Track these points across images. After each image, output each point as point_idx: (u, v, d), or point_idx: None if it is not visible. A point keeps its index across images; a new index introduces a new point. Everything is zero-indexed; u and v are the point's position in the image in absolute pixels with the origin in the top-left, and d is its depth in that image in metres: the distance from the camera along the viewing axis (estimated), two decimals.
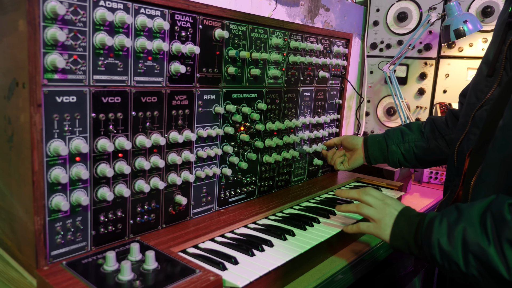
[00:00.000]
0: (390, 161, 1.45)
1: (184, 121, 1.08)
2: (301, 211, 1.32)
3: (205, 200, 1.19)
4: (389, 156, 1.43)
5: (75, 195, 0.88)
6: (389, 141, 1.43)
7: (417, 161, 1.41)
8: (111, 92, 0.91)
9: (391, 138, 1.43)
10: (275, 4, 1.96)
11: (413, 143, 1.40)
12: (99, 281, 0.80)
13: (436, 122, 1.38)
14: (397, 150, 1.42)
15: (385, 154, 1.44)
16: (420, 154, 1.39)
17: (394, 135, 1.43)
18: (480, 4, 2.22)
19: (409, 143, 1.40)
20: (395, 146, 1.42)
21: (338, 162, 1.55)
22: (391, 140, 1.43)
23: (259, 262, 0.95)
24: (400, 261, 1.67)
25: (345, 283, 1.10)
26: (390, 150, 1.43)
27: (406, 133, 1.42)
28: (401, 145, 1.41)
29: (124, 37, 0.91)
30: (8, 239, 0.95)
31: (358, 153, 1.50)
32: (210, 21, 1.10)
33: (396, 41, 2.51)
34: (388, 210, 1.01)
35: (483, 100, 1.05)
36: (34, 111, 0.79)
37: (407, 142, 1.41)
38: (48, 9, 0.78)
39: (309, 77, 1.51)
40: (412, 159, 1.41)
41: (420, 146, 1.38)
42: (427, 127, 1.39)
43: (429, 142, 1.37)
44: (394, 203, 1.02)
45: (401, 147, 1.41)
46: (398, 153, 1.42)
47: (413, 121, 1.44)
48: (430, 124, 1.39)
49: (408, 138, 1.41)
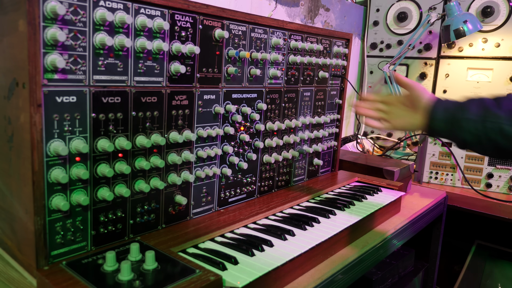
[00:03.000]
0: (457, 139, 1.07)
1: (184, 121, 1.08)
2: (301, 211, 1.32)
3: (205, 200, 1.19)
4: (457, 133, 1.04)
5: (75, 195, 0.88)
6: (463, 114, 1.03)
7: (494, 149, 1.02)
8: (111, 92, 0.91)
9: (467, 111, 1.03)
10: (275, 4, 1.96)
11: (498, 125, 0.98)
12: (99, 281, 0.80)
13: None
14: (471, 128, 1.02)
15: (453, 129, 1.05)
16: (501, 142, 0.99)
17: (473, 107, 1.03)
18: (480, 4, 2.22)
19: (492, 124, 0.99)
20: (470, 123, 1.02)
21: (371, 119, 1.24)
22: (466, 113, 1.03)
23: (259, 262, 0.95)
24: (400, 261, 1.68)
25: (345, 283, 1.10)
26: (461, 126, 1.03)
27: (491, 110, 1.00)
28: (479, 124, 1.00)
29: (124, 37, 0.91)
30: (8, 239, 0.95)
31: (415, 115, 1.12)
32: (210, 21, 1.10)
33: (396, 41, 2.51)
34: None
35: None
36: (34, 111, 0.79)
37: (489, 121, 0.99)
38: (48, 9, 0.78)
39: (309, 77, 1.51)
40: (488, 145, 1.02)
41: (506, 131, 0.97)
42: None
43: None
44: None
45: (479, 125, 1.00)
46: (471, 134, 1.02)
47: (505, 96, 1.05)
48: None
49: (492, 117, 0.99)
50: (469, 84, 2.31)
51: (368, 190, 1.53)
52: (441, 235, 1.85)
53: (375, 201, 1.42)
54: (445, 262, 2.31)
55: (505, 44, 2.18)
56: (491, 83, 2.24)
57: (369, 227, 1.32)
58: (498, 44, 2.20)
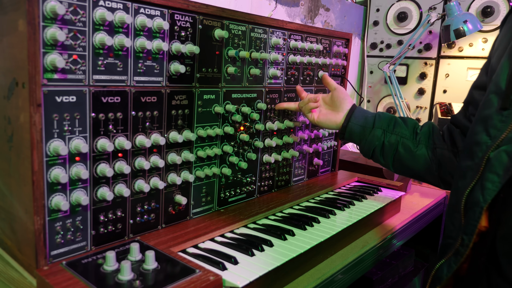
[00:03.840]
0: (365, 145, 1.23)
1: (184, 121, 1.08)
2: (301, 211, 1.32)
3: (205, 200, 1.19)
4: (368, 139, 1.22)
5: (75, 195, 0.88)
6: (378, 124, 1.22)
7: (394, 160, 1.21)
8: (110, 92, 0.91)
9: (381, 121, 1.22)
10: (275, 4, 1.96)
11: (401, 139, 1.19)
12: (99, 281, 0.80)
13: (434, 129, 1.20)
14: (381, 137, 1.20)
15: (365, 135, 1.22)
16: (402, 154, 1.19)
17: (386, 120, 1.22)
18: (480, 4, 2.22)
19: (397, 136, 1.19)
20: (380, 132, 1.20)
21: (308, 109, 1.32)
22: (380, 123, 1.22)
23: (259, 262, 0.95)
24: (400, 261, 1.68)
25: (345, 283, 1.10)
26: (373, 133, 1.21)
27: (399, 125, 1.21)
28: (387, 134, 1.20)
29: (123, 37, 0.91)
30: (8, 239, 0.95)
31: (338, 116, 1.28)
32: (210, 21, 1.10)
33: (396, 41, 2.51)
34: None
35: (500, 138, 0.85)
36: (34, 111, 0.79)
37: (395, 134, 1.20)
38: (48, 9, 0.78)
39: (309, 77, 1.51)
40: (390, 155, 1.20)
41: (408, 146, 1.18)
42: (424, 130, 1.20)
43: (418, 147, 1.17)
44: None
45: (387, 136, 1.20)
46: (380, 141, 1.20)
47: (412, 118, 1.28)
48: (427, 128, 1.20)
49: (399, 131, 1.20)
50: (469, 84, 2.29)
51: (368, 190, 1.53)
52: (441, 235, 1.85)
53: (375, 201, 1.42)
54: None
55: None
56: None
57: (369, 227, 1.32)
58: None
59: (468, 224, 0.87)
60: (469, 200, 0.88)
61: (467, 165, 0.91)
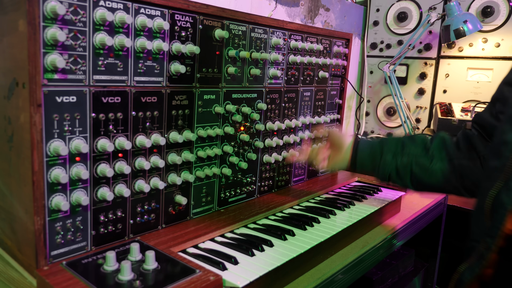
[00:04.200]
0: (379, 173, 1.21)
1: (184, 121, 1.08)
2: (301, 211, 1.32)
3: (205, 200, 1.19)
4: (381, 166, 1.19)
5: (75, 195, 0.88)
6: (385, 149, 1.19)
7: (412, 180, 1.16)
8: (111, 92, 0.91)
9: (388, 146, 1.20)
10: (275, 4, 1.96)
11: (414, 158, 1.15)
12: (99, 281, 0.80)
13: (446, 141, 1.14)
14: (392, 161, 1.17)
15: (376, 163, 1.20)
16: (417, 173, 1.14)
17: (393, 144, 1.20)
18: (480, 4, 2.22)
19: (408, 157, 1.15)
20: (390, 156, 1.18)
21: (318, 160, 1.32)
22: (388, 148, 1.19)
23: (259, 262, 0.95)
24: (400, 261, 1.68)
25: (345, 283, 1.10)
26: (384, 160, 1.18)
27: (408, 145, 1.17)
28: (398, 157, 1.17)
29: (124, 37, 0.91)
30: (8, 239, 0.95)
31: (344, 154, 1.27)
32: (210, 21, 1.10)
33: (396, 41, 2.51)
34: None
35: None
36: (34, 111, 0.79)
37: (406, 155, 1.16)
38: (48, 9, 0.78)
39: (309, 77, 1.51)
40: (406, 176, 1.17)
41: (422, 163, 1.13)
42: (435, 144, 1.14)
43: (433, 162, 1.12)
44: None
45: (398, 159, 1.16)
46: (392, 166, 1.17)
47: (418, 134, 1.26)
48: (438, 141, 1.15)
49: (409, 151, 1.16)
50: (469, 84, 2.31)
51: (368, 190, 1.53)
52: (441, 235, 1.85)
53: (375, 201, 1.42)
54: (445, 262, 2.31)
55: (505, 44, 2.18)
56: (491, 83, 2.24)
57: (369, 227, 1.32)
58: (498, 44, 2.20)
59: (493, 226, 0.82)
60: (495, 202, 0.83)
61: (494, 166, 0.87)
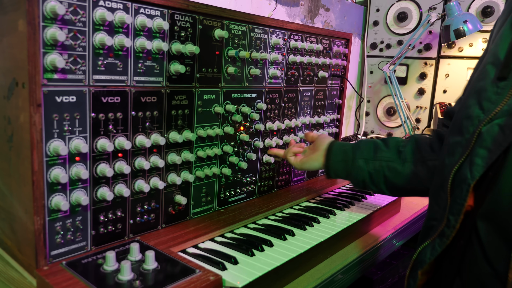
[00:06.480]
0: (353, 178, 1.17)
1: (184, 121, 1.08)
2: (301, 211, 1.32)
3: (205, 200, 1.19)
4: (353, 172, 1.15)
5: (75, 195, 0.88)
6: (358, 154, 1.15)
7: (386, 186, 1.13)
8: (110, 92, 0.91)
9: (360, 151, 1.15)
10: (275, 4, 1.96)
11: (386, 163, 1.11)
12: (99, 281, 0.80)
13: (419, 142, 1.11)
14: (364, 167, 1.13)
15: (349, 169, 1.16)
16: (391, 178, 1.11)
17: (365, 148, 1.15)
18: (480, 4, 2.22)
19: (380, 162, 1.11)
20: (362, 162, 1.13)
21: (291, 152, 1.30)
22: (361, 153, 1.15)
23: (259, 262, 0.95)
24: (400, 261, 1.68)
25: (345, 283, 1.10)
26: (356, 166, 1.14)
27: (380, 149, 1.13)
28: (370, 162, 1.13)
29: (123, 37, 0.91)
30: (8, 239, 0.95)
31: (318, 155, 1.23)
32: (210, 21, 1.10)
33: (396, 41, 2.51)
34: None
35: (493, 112, 0.78)
36: (33, 111, 0.79)
37: (378, 159, 1.12)
38: (48, 9, 0.78)
39: (309, 77, 1.51)
40: (379, 182, 1.13)
41: (393, 168, 1.10)
42: (408, 147, 1.11)
43: (405, 166, 1.09)
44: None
45: (370, 164, 1.12)
46: (365, 171, 1.13)
47: (393, 137, 1.20)
48: (412, 144, 1.11)
49: (380, 155, 1.12)
50: None
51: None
52: None
53: (375, 201, 1.42)
54: None
55: None
56: None
57: (369, 227, 1.32)
58: None
59: (455, 203, 0.81)
60: (456, 177, 0.81)
61: (456, 141, 0.84)
